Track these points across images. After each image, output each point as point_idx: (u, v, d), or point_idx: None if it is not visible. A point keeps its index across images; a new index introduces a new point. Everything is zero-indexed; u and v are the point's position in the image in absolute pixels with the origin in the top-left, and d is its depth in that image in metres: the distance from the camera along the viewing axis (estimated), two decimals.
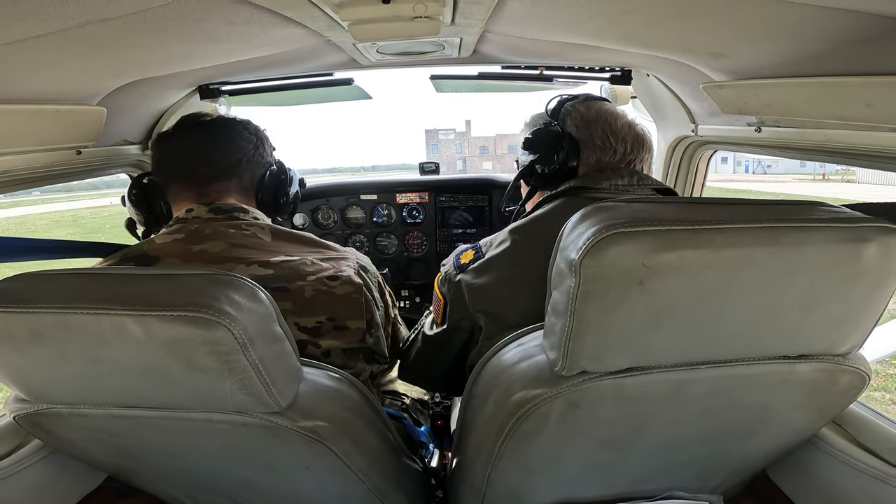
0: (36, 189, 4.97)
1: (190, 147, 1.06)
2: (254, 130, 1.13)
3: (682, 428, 0.80)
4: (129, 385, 0.70)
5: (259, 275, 0.92)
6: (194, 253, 0.94)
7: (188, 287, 0.65)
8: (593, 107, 1.14)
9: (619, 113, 1.14)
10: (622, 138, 1.09)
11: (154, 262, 0.94)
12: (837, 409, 0.85)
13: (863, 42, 0.69)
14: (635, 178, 1.06)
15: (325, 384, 0.82)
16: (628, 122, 1.12)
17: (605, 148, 1.09)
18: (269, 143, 1.17)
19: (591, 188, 1.06)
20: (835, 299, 0.66)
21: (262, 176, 1.11)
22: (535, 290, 0.90)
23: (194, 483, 0.96)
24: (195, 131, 1.08)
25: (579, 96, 1.18)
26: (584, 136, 1.10)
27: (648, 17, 0.81)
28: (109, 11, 0.65)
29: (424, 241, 2.14)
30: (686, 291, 0.62)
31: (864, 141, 0.81)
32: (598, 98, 1.19)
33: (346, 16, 0.80)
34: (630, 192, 1.05)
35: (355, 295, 0.97)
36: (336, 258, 1.02)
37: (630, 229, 0.59)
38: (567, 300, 0.64)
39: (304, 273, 0.94)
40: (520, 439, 0.75)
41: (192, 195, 1.05)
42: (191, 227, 0.98)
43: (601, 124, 1.10)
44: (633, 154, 1.10)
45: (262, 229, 1.01)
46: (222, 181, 1.06)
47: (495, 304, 0.97)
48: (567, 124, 1.13)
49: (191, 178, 1.05)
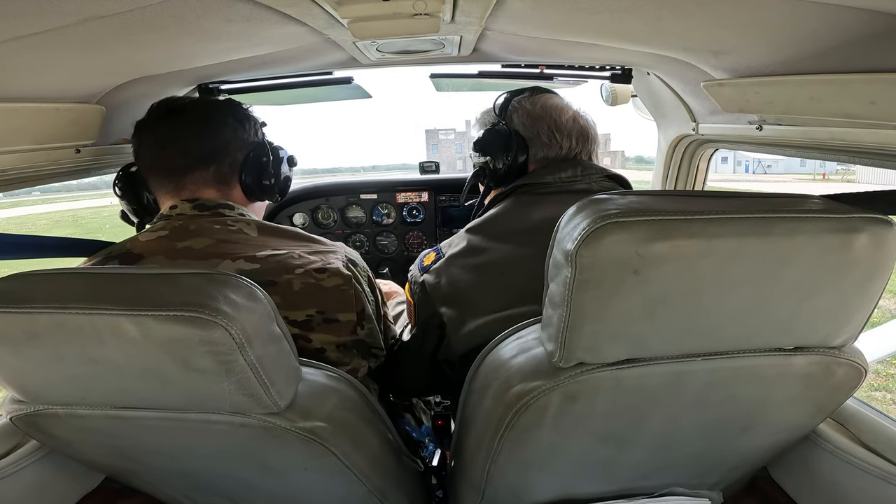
0: (36, 189, 4.95)
1: (163, 137, 1.02)
2: (231, 111, 1.08)
3: (679, 421, 0.80)
4: (125, 386, 0.70)
5: (245, 269, 0.90)
6: (179, 250, 0.92)
7: (185, 286, 0.65)
8: (538, 102, 1.16)
9: (564, 106, 1.17)
10: (567, 133, 1.13)
11: (138, 259, 0.92)
12: (835, 403, 0.85)
13: (865, 39, 0.69)
14: (579, 169, 1.10)
15: (324, 384, 0.81)
16: (573, 116, 1.16)
17: (551, 144, 1.13)
18: (251, 121, 1.12)
19: (536, 184, 1.10)
20: (827, 290, 0.67)
21: (245, 158, 1.07)
22: (494, 283, 0.98)
23: (192, 484, 0.96)
24: (168, 118, 1.04)
25: (525, 91, 1.21)
26: (532, 134, 1.14)
27: (649, 16, 0.81)
28: (108, 9, 0.64)
29: (424, 240, 2.14)
30: (680, 281, 0.63)
31: (867, 138, 0.81)
32: (544, 91, 1.22)
33: (345, 13, 0.80)
34: (577, 183, 1.09)
35: (344, 287, 0.96)
36: (324, 251, 1.00)
37: (624, 219, 0.60)
38: (564, 290, 0.65)
39: (292, 266, 0.93)
40: (519, 433, 0.75)
41: (171, 188, 1.03)
42: (175, 224, 0.97)
43: (547, 121, 1.14)
44: (578, 147, 1.15)
45: (248, 224, 1.00)
46: (198, 171, 1.02)
47: (456, 298, 1.01)
48: (514, 122, 1.16)
49: (166, 170, 1.02)
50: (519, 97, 1.19)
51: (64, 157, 1.11)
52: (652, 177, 1.77)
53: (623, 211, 0.61)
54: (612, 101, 1.53)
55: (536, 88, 1.23)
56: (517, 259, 0.98)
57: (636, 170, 40.39)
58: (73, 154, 1.13)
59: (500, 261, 0.99)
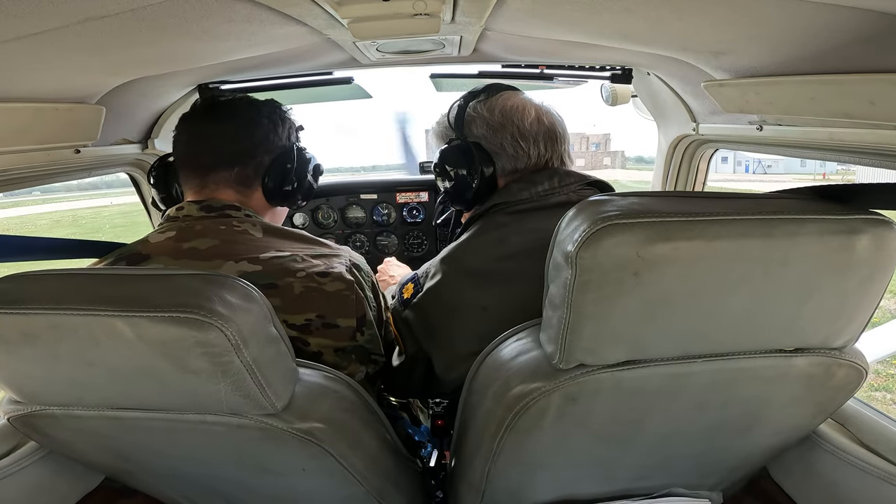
0: (36, 189, 4.93)
1: (197, 132, 1.05)
2: (269, 113, 1.09)
3: (680, 422, 0.80)
4: (121, 387, 0.70)
5: (248, 271, 0.90)
6: (184, 250, 0.93)
7: (180, 288, 0.65)
8: (497, 107, 1.06)
9: (524, 107, 1.06)
10: (533, 140, 1.04)
11: (145, 260, 0.93)
12: (835, 404, 0.85)
13: (865, 40, 0.69)
14: (556, 180, 1.02)
15: (322, 385, 0.81)
16: (536, 117, 1.05)
17: (518, 156, 1.04)
18: (287, 125, 1.12)
19: (511, 202, 1.02)
20: (829, 292, 0.67)
21: (271, 162, 1.07)
22: (474, 320, 0.93)
23: (190, 484, 0.96)
24: (206, 115, 1.06)
25: (479, 94, 1.09)
26: (495, 147, 1.04)
27: (649, 16, 0.81)
28: (108, 9, 0.64)
29: (424, 240, 2.13)
30: (680, 283, 0.63)
31: (867, 139, 0.81)
32: (501, 89, 1.10)
33: (345, 13, 0.80)
34: (555, 196, 1.01)
35: (346, 292, 0.95)
36: (328, 255, 1.00)
37: (625, 221, 0.60)
38: (564, 292, 0.65)
39: (294, 269, 0.93)
40: (518, 434, 0.75)
41: (195, 184, 1.04)
42: (181, 225, 0.97)
43: (509, 129, 1.04)
44: (548, 153, 1.06)
45: (253, 226, 1.00)
46: (222, 171, 1.03)
47: (439, 338, 0.98)
48: (474, 133, 1.06)
49: (193, 166, 1.04)
50: (474, 101, 1.08)
51: (64, 158, 1.11)
52: (652, 177, 1.77)
53: (623, 213, 0.61)
54: (613, 101, 1.53)
55: (491, 87, 1.11)
56: (499, 293, 0.93)
57: (636, 170, 40.25)
58: (73, 154, 1.13)
59: (481, 297, 0.94)
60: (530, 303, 0.80)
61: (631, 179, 28.62)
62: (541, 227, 0.92)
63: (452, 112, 1.11)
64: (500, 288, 0.93)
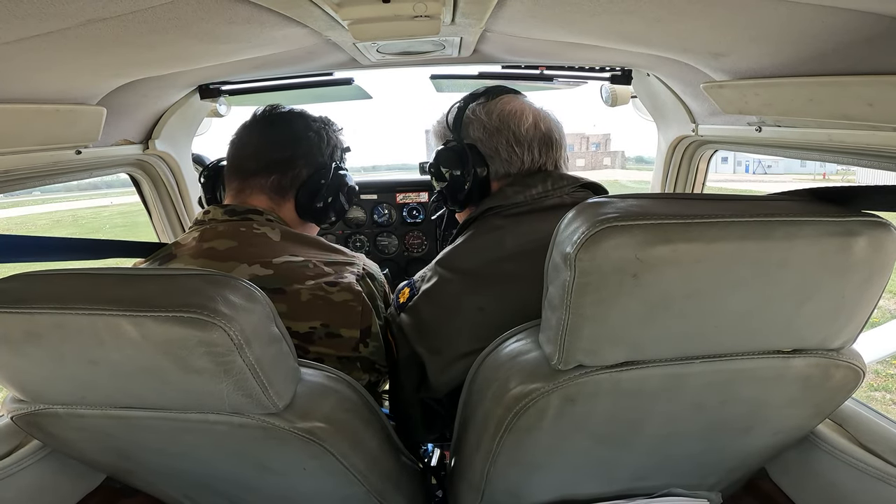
0: (36, 189, 4.96)
1: (246, 138, 1.09)
2: (318, 128, 1.12)
3: (678, 423, 0.80)
4: (125, 386, 0.70)
5: (259, 275, 0.92)
6: (203, 250, 0.96)
7: (183, 287, 0.65)
8: (495, 111, 1.07)
9: (524, 110, 1.07)
10: (528, 146, 1.05)
11: (171, 259, 0.98)
12: (833, 405, 0.85)
13: (864, 41, 0.69)
14: (549, 183, 1.03)
15: (323, 385, 0.82)
16: (534, 122, 1.06)
17: (511, 160, 1.05)
18: (332, 143, 1.14)
19: (506, 206, 1.02)
20: (826, 293, 0.67)
21: (308, 176, 1.10)
22: (470, 320, 0.93)
23: (192, 484, 0.96)
24: (259, 122, 1.11)
25: (479, 96, 1.11)
26: (490, 151, 1.05)
27: (649, 17, 0.81)
28: (109, 11, 0.65)
29: (424, 241, 2.14)
30: (679, 284, 0.63)
31: (865, 140, 0.81)
32: (502, 92, 1.11)
33: (345, 15, 0.80)
34: (548, 199, 1.02)
35: (353, 303, 0.96)
36: (342, 262, 1.01)
37: (623, 223, 0.60)
38: (563, 294, 0.65)
39: (304, 276, 0.94)
40: (518, 434, 0.75)
41: (236, 187, 1.08)
42: (207, 227, 1.01)
43: (505, 134, 1.04)
44: (542, 158, 1.06)
45: (272, 230, 1.01)
46: (261, 177, 1.07)
47: (433, 338, 0.97)
48: (471, 135, 1.07)
49: (237, 169, 1.08)
50: (474, 103, 1.09)
51: (65, 158, 1.11)
52: (652, 177, 1.77)
53: (622, 215, 0.61)
54: (612, 102, 1.53)
55: (491, 90, 1.12)
56: (496, 294, 0.93)
57: (636, 170, 40.24)
58: (73, 155, 1.13)
59: (478, 298, 0.94)
60: (527, 304, 0.81)
61: (631, 179, 28.57)
62: (536, 229, 0.93)
63: (451, 113, 1.12)
64: (497, 289, 0.94)
